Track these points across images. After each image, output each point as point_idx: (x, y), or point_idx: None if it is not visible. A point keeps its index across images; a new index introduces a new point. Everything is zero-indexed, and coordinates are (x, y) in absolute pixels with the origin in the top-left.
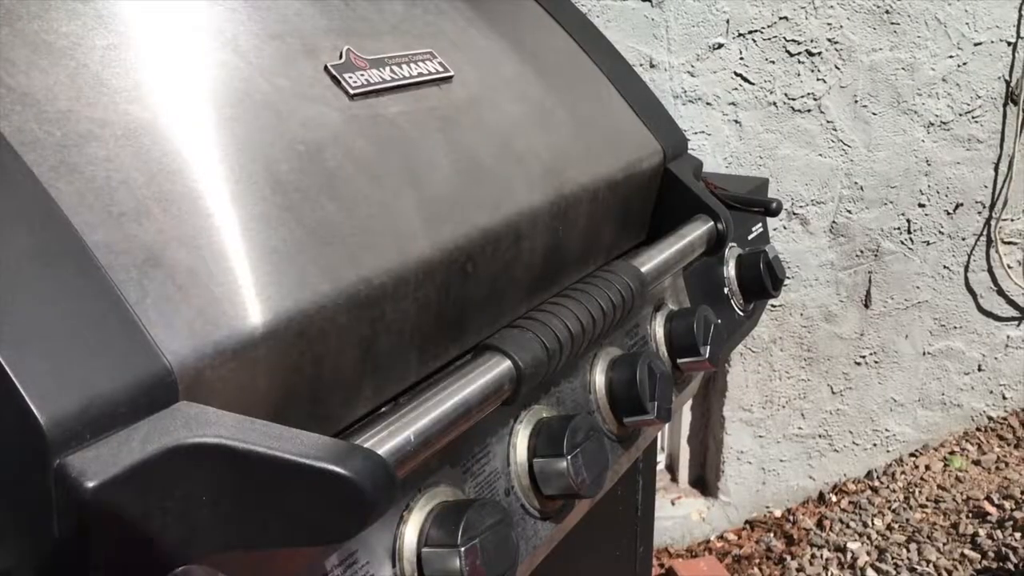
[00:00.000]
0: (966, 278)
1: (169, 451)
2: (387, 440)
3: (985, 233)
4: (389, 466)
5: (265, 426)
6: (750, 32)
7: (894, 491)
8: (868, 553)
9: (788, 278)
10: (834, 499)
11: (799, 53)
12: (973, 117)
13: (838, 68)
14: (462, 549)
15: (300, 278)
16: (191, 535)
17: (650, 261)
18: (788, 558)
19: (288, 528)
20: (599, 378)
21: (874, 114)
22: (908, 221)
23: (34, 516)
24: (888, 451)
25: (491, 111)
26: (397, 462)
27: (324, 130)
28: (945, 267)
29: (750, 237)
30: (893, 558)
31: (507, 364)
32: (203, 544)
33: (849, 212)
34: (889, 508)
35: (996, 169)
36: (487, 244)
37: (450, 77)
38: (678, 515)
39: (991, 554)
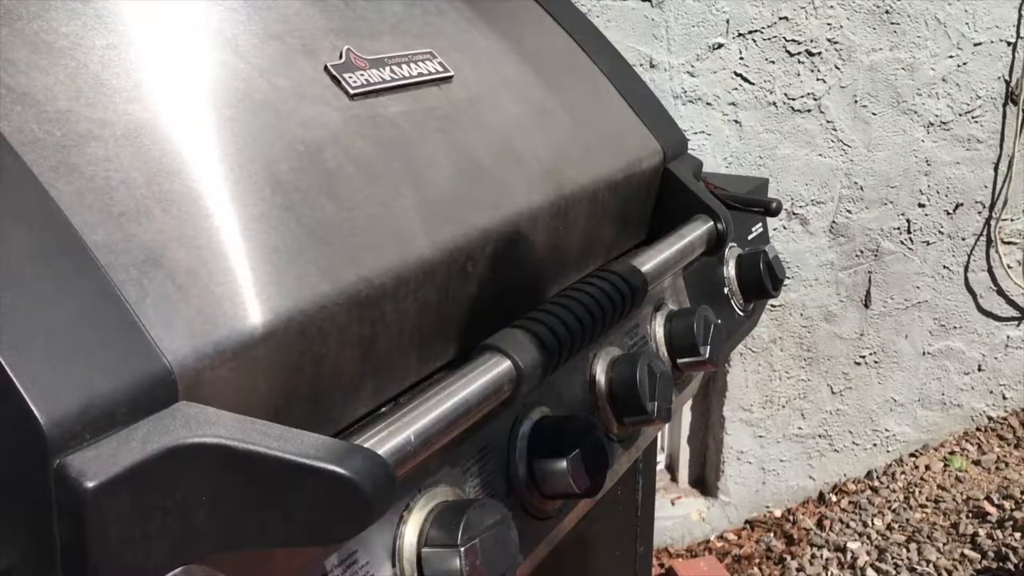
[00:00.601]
0: (966, 278)
1: (169, 451)
2: (387, 440)
3: (985, 233)
4: (389, 466)
5: (265, 426)
6: (750, 32)
7: (894, 491)
8: (868, 553)
9: (788, 278)
10: (834, 499)
11: (799, 53)
12: (973, 117)
13: (838, 68)
14: (462, 549)
15: (300, 278)
16: (191, 535)
17: (650, 261)
18: (788, 558)
19: (288, 528)
20: (599, 378)
21: (874, 114)
22: (908, 221)
23: (34, 516)
24: (888, 451)
25: (491, 111)
26: (397, 462)
27: (324, 130)
28: (945, 267)
29: (750, 237)
30: (893, 558)
31: (507, 364)
32: (203, 544)
33: (849, 212)
34: (889, 508)
35: (996, 169)
36: (487, 244)
37: (450, 77)
38: (678, 515)
39: (991, 554)
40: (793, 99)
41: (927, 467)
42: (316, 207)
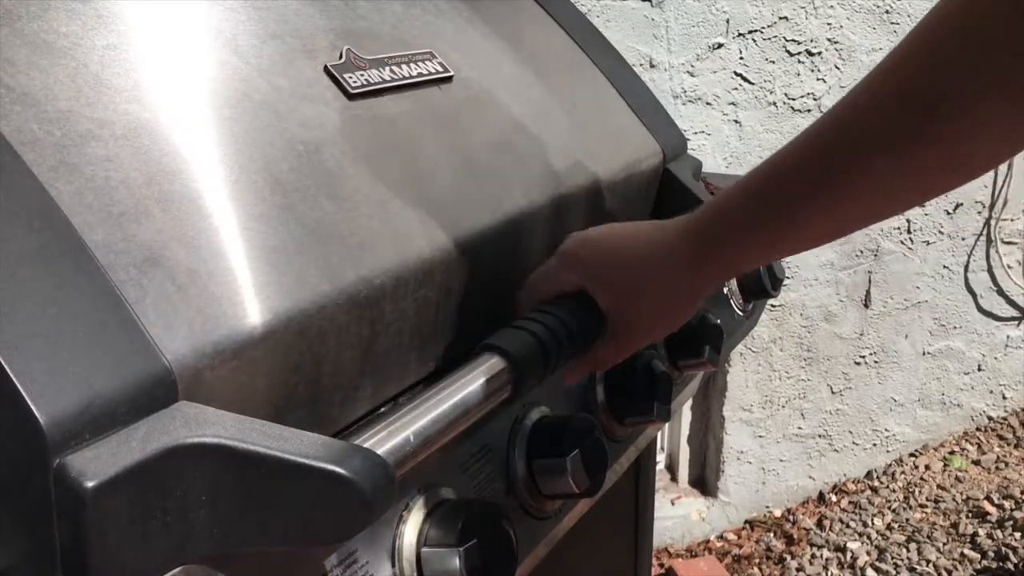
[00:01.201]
0: (966, 278)
1: (169, 451)
2: (387, 440)
3: (985, 233)
4: (389, 466)
5: (265, 426)
6: (750, 32)
7: (894, 491)
8: (868, 553)
9: (788, 278)
10: (834, 499)
11: (799, 53)
12: None
13: (838, 68)
14: (462, 549)
15: (300, 278)
16: (191, 535)
17: None
18: (788, 558)
19: (288, 528)
20: (599, 378)
21: None
22: (908, 221)
23: (34, 516)
24: (888, 451)
25: (491, 111)
26: (397, 462)
27: (323, 130)
28: (945, 267)
29: None
30: (893, 558)
31: (506, 364)
32: (202, 544)
33: None
34: (889, 508)
35: (996, 169)
36: (487, 244)
37: (450, 77)
38: (678, 515)
39: (991, 554)
40: (793, 99)
41: (927, 467)
42: (316, 207)
